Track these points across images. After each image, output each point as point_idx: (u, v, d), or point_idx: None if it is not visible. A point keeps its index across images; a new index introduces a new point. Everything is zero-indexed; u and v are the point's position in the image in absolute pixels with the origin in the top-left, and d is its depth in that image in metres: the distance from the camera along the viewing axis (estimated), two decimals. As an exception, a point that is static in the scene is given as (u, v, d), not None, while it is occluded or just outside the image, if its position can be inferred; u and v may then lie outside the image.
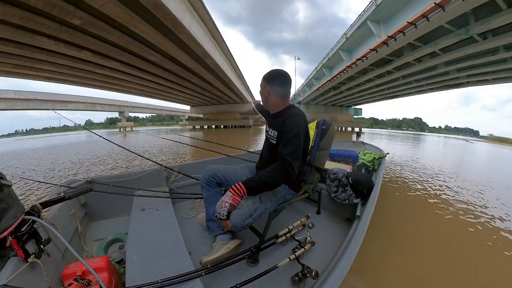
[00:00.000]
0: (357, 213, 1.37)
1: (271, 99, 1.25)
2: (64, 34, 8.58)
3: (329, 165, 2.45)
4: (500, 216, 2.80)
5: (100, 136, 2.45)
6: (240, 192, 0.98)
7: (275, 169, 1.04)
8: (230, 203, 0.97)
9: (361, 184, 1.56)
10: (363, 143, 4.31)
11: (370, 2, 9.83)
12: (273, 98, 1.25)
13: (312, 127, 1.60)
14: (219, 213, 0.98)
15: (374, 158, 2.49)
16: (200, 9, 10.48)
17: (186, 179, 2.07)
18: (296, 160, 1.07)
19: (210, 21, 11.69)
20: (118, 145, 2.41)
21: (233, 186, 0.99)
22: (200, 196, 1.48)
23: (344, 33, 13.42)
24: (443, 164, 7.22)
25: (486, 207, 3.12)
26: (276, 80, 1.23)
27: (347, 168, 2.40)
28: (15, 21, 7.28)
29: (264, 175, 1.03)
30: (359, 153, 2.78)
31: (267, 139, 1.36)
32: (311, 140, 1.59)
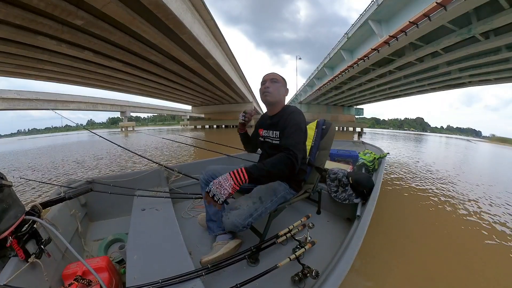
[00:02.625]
0: (357, 213, 1.37)
1: (283, 99, 1.36)
2: (66, 34, 8.63)
3: (329, 165, 2.44)
4: (501, 217, 2.78)
5: (100, 136, 2.45)
6: (240, 179, 0.90)
7: (280, 160, 0.99)
8: (230, 192, 0.88)
9: (361, 184, 1.56)
10: (363, 142, 4.30)
11: (372, 1, 9.79)
12: (284, 99, 1.35)
13: (312, 127, 1.60)
14: (214, 195, 0.88)
15: (375, 158, 2.48)
16: (201, 9, 10.50)
17: (186, 179, 2.07)
18: (300, 152, 1.06)
19: (212, 21, 11.70)
20: (118, 145, 2.41)
21: (234, 171, 0.91)
22: (200, 196, 1.48)
23: (346, 33, 13.39)
24: (445, 164, 7.19)
25: (491, 209, 3.10)
26: None
27: (347, 168, 2.39)
28: (17, 22, 7.32)
29: (268, 165, 0.96)
30: (359, 153, 2.77)
31: (265, 143, 1.36)
32: (311, 140, 1.58)
